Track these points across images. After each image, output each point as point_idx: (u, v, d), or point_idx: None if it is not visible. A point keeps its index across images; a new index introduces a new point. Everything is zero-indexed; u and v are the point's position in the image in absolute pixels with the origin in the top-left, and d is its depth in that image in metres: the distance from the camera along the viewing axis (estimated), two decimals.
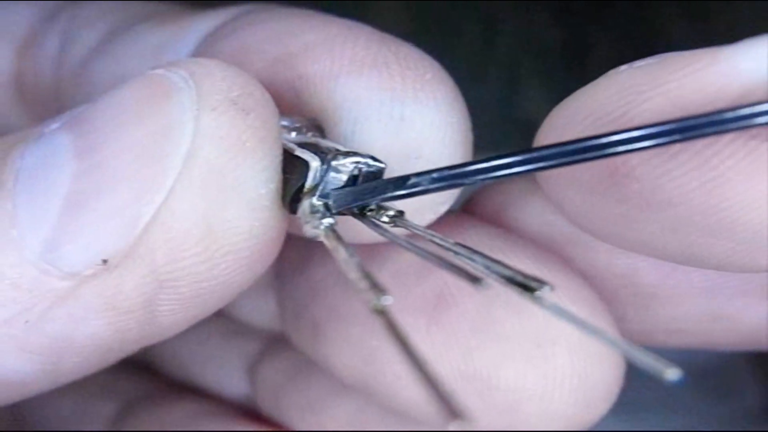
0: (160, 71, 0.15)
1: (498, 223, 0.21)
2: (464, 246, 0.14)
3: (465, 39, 0.41)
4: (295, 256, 0.22)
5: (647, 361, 0.11)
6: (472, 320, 0.19)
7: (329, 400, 0.23)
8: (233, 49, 0.18)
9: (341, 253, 0.14)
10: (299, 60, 0.17)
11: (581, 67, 0.41)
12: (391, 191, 0.15)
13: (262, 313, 0.25)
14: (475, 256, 0.14)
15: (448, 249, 0.14)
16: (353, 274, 0.13)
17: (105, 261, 0.15)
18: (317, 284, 0.21)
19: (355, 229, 0.17)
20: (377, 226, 0.15)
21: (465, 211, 0.22)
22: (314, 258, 0.22)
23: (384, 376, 0.20)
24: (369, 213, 0.16)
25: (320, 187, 0.15)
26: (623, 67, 0.15)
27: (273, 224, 0.16)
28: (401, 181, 0.15)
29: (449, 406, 0.10)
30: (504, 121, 0.39)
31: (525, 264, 0.19)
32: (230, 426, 0.24)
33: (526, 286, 0.13)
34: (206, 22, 0.20)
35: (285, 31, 0.18)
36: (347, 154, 0.15)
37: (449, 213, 0.19)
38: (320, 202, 0.15)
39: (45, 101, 0.24)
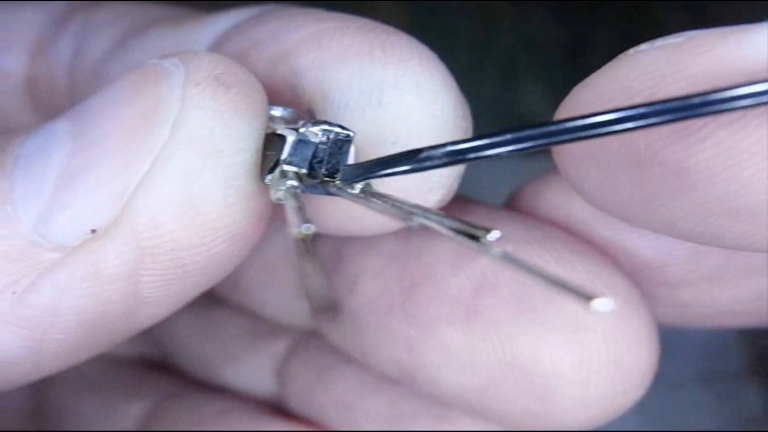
0: (155, 60, 0.16)
1: (534, 213, 0.21)
2: (420, 206, 0.15)
3: (463, 36, 0.41)
4: (328, 252, 0.22)
5: (571, 288, 0.11)
6: (509, 308, 0.19)
7: (361, 397, 0.23)
8: (237, 49, 0.19)
9: (293, 216, 0.14)
10: (293, 55, 0.18)
11: (580, 65, 0.41)
12: (402, 165, 0.14)
13: (293, 311, 0.25)
14: (429, 214, 0.14)
15: (408, 210, 0.15)
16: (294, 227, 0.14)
17: (93, 231, 0.15)
18: (353, 278, 0.21)
19: (358, 218, 0.18)
20: (339, 189, 0.16)
21: (506, 207, 0.22)
22: (348, 253, 0.22)
23: (425, 366, 0.20)
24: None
25: (291, 154, 0.16)
26: (644, 46, 0.15)
27: (249, 196, 0.16)
28: (413, 155, 0.14)
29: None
30: (502, 118, 0.40)
31: (562, 253, 0.19)
32: (261, 424, 0.24)
33: (473, 235, 0.13)
34: (217, 24, 0.21)
35: (283, 29, 0.19)
36: (316, 122, 0.16)
37: (489, 208, 0.20)
38: (291, 168, 0.16)
39: (58, 106, 0.24)
